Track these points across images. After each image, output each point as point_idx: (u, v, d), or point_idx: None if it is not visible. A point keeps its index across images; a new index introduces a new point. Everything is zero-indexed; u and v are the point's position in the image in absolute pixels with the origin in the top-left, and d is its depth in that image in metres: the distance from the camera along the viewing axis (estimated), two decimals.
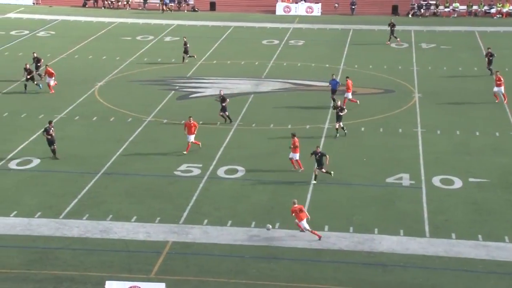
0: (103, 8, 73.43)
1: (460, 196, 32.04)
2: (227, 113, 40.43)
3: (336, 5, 73.69)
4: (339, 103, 39.44)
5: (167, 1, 73.20)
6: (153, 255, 26.83)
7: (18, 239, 27.65)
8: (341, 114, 38.50)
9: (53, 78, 45.08)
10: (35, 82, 45.01)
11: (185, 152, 35.84)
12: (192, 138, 36.26)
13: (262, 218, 29.74)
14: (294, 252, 27.27)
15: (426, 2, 72.48)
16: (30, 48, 55.94)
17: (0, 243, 27.30)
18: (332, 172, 33.11)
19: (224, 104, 40.32)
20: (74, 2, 74.75)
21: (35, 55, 47.64)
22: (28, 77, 44.86)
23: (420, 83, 48.56)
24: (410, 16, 71.48)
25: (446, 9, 71.75)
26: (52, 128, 35.19)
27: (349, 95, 43.51)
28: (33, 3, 74.09)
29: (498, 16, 70.87)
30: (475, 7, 71.65)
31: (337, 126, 38.55)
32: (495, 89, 44.26)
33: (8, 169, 33.89)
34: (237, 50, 57.54)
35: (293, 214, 28.27)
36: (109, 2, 73.92)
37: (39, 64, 47.14)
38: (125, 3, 73.79)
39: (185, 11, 73.41)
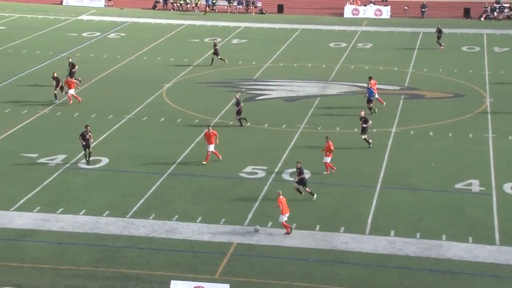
0: (172, 10, 74.36)
1: None
2: (239, 116, 40.19)
3: (406, 7, 72.76)
4: (363, 113, 37.70)
5: (210, 2, 73.73)
6: (217, 256, 26.93)
7: (86, 237, 28.16)
8: (365, 125, 37.15)
9: (73, 89, 43.52)
10: (63, 92, 43.71)
11: (204, 162, 34.83)
12: (212, 147, 34.96)
13: (326, 222, 29.52)
14: (359, 257, 26.96)
15: (499, 5, 70.83)
16: (101, 50, 57.14)
17: (70, 241, 27.85)
18: (315, 195, 31.31)
19: (238, 108, 40.19)
20: (144, 4, 75.93)
21: (70, 60, 47.42)
22: (57, 87, 43.64)
23: (492, 88, 47.46)
24: (482, 19, 70.00)
25: None
26: (89, 134, 34.83)
27: (376, 95, 43.11)
28: (105, 6, 75.58)
29: None
30: None
31: (363, 137, 37.14)
32: None
33: (78, 168, 34.56)
34: (304, 53, 57.37)
35: (279, 205, 28.19)
36: (178, 5, 74.81)
37: (73, 70, 46.56)
38: (194, 5, 74.55)
39: (253, 13, 73.69)
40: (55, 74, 44.10)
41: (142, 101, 44.64)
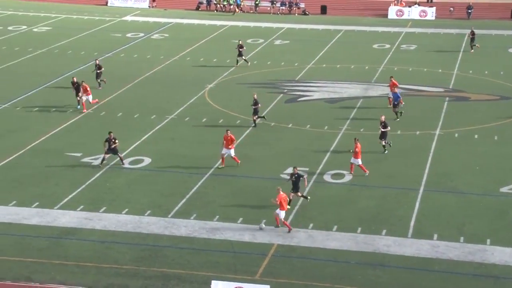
0: (215, 11, 74.65)
1: None
2: (256, 117, 40.11)
3: (451, 9, 71.87)
4: (383, 118, 36.95)
5: (239, 2, 73.81)
6: (258, 257, 26.90)
7: (129, 236, 28.38)
8: (384, 130, 36.44)
9: (90, 95, 42.45)
10: (78, 98, 42.67)
11: (222, 166, 34.40)
12: (230, 152, 34.35)
13: (368, 224, 29.28)
14: (401, 260, 26.67)
15: None
16: (144, 50, 57.63)
17: (112, 239, 28.11)
18: (309, 197, 30.92)
19: (255, 107, 40.09)
20: (188, 5, 76.38)
21: (97, 62, 47.40)
22: (79, 92, 42.62)
23: None
24: None
25: None
26: (113, 139, 34.38)
27: (391, 94, 42.80)
28: (149, 6, 76.23)
29: None
30: None
31: (383, 143, 36.40)
32: None
33: (121, 168, 34.87)
34: (347, 54, 57.07)
35: (278, 202, 28.13)
36: (222, 6, 75.07)
37: (99, 71, 46.70)
38: (237, 6, 74.69)
39: (296, 14, 73.57)
40: (75, 79, 43.25)
41: (185, 101, 44.87)
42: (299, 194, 30.64)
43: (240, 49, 52.49)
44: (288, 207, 29.62)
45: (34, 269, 25.83)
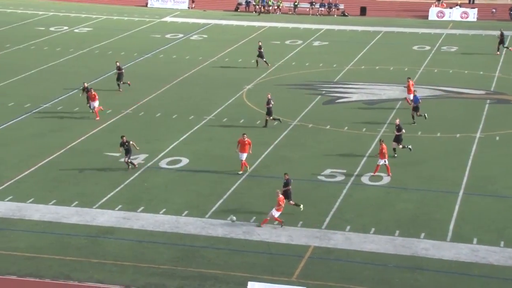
0: (254, 12, 74.73)
1: None
2: (271, 117, 40.03)
3: (494, 10, 70.89)
4: (398, 121, 36.55)
5: (264, 3, 73.73)
6: (295, 258, 26.81)
7: (166, 236, 28.52)
8: (399, 133, 35.95)
9: (95, 102, 41.61)
10: (88, 104, 42.02)
11: (240, 172, 33.97)
12: (242, 155, 33.90)
13: (406, 227, 29.00)
14: (440, 264, 26.35)
15: None
16: (183, 51, 57.93)
17: (150, 239, 28.28)
18: (301, 206, 30.22)
19: (268, 107, 40.00)
20: (227, 6, 76.60)
21: (118, 64, 47.26)
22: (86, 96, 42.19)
23: None
24: None
25: None
26: (127, 143, 34.22)
27: (410, 96, 42.35)
28: (188, 8, 76.63)
29: None
30: None
31: (395, 146, 35.80)
32: None
33: (159, 168, 35.09)
34: (386, 56, 56.64)
35: (280, 203, 28.57)
36: (261, 7, 75.12)
37: (120, 72, 46.62)
38: (276, 7, 74.72)
39: (335, 15, 73.27)
40: (86, 85, 42.74)
41: (223, 102, 44.98)
42: (291, 202, 30.06)
43: (260, 50, 52.42)
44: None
45: (73, 267, 26.11)
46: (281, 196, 29.07)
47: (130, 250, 27.42)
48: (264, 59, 52.53)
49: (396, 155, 35.95)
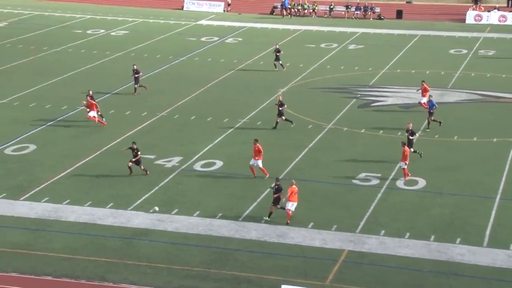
0: (289, 15, 74.64)
1: None
2: (283, 117, 40.10)
3: None
4: (410, 125, 35.87)
5: (287, 5, 73.44)
6: (328, 262, 26.69)
7: (200, 239, 28.59)
8: (412, 138, 35.45)
9: (95, 111, 40.83)
10: (99, 113, 41.36)
11: (267, 177, 33.48)
12: (257, 162, 33.48)
13: (442, 232, 28.69)
14: (476, 270, 26.01)
15: None
16: (218, 54, 58.11)
17: (184, 241, 28.38)
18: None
19: (281, 109, 39.91)
20: (262, 9, 76.66)
21: (135, 67, 47.10)
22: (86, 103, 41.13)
23: None
24: None
25: None
26: (136, 150, 33.90)
27: (424, 99, 41.96)
28: (224, 11, 76.87)
29: None
30: None
31: (411, 150, 35.15)
32: None
33: (193, 170, 35.21)
34: (422, 59, 56.18)
35: (289, 193, 28.98)
36: (296, 10, 75.05)
37: (137, 76, 46.66)
38: (311, 10, 74.58)
39: (371, 19, 72.90)
40: (90, 93, 41.78)
41: (257, 105, 44.99)
42: (278, 206, 29.78)
43: (277, 54, 52.30)
44: (268, 219, 29.63)
45: (108, 269, 26.30)
46: (294, 186, 29.41)
47: (164, 252, 27.54)
48: (281, 62, 52.47)
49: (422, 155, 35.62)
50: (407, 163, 33.37)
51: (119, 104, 44.82)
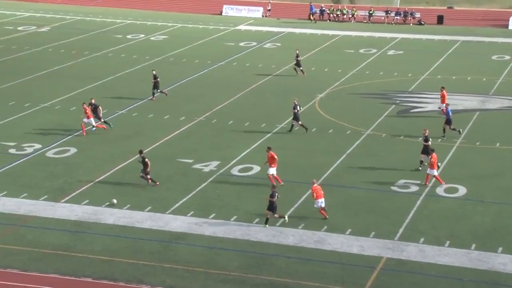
0: (328, 21, 74.43)
1: None
2: (300, 122, 39.94)
3: None
4: (427, 132, 35.42)
5: (314, 10, 73.10)
6: (366, 269, 26.43)
7: (237, 243, 28.55)
8: (426, 144, 34.90)
9: (92, 118, 40.49)
10: (103, 120, 41.39)
11: (282, 184, 33.22)
12: (272, 170, 33.28)
13: (483, 241, 28.22)
14: None
15: None
16: (256, 59, 58.14)
17: (221, 246, 28.36)
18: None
19: (295, 112, 39.87)
20: (301, 15, 76.55)
21: (154, 72, 46.91)
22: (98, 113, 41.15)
23: None
24: None
25: None
26: (143, 158, 33.60)
27: (443, 106, 41.39)
28: (262, 16, 76.93)
29: None
30: None
31: (423, 159, 34.77)
32: None
33: (230, 175, 35.20)
34: (464, 65, 55.51)
35: (313, 193, 29.85)
36: (335, 15, 74.79)
37: (155, 81, 46.44)
38: (350, 16, 74.25)
39: (411, 24, 72.30)
40: (93, 101, 41.46)
41: None
42: (276, 215, 29.55)
43: (297, 59, 51.99)
44: (266, 226, 29.46)
45: (146, 271, 26.40)
46: (316, 185, 30.27)
47: (201, 256, 27.56)
48: (301, 68, 52.24)
49: (420, 168, 35.01)
50: (434, 170, 32.92)
51: (158, 109, 45.05)
